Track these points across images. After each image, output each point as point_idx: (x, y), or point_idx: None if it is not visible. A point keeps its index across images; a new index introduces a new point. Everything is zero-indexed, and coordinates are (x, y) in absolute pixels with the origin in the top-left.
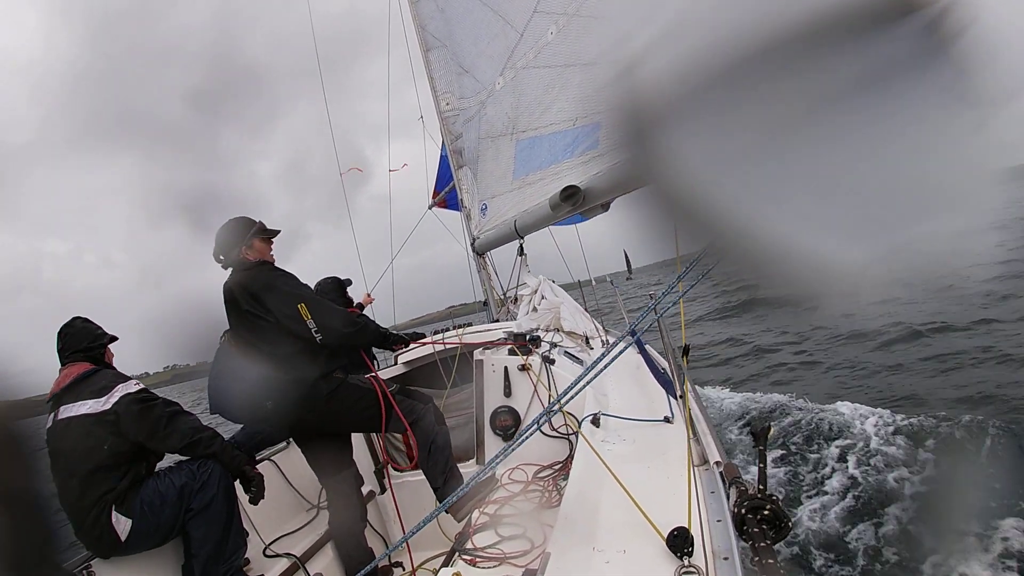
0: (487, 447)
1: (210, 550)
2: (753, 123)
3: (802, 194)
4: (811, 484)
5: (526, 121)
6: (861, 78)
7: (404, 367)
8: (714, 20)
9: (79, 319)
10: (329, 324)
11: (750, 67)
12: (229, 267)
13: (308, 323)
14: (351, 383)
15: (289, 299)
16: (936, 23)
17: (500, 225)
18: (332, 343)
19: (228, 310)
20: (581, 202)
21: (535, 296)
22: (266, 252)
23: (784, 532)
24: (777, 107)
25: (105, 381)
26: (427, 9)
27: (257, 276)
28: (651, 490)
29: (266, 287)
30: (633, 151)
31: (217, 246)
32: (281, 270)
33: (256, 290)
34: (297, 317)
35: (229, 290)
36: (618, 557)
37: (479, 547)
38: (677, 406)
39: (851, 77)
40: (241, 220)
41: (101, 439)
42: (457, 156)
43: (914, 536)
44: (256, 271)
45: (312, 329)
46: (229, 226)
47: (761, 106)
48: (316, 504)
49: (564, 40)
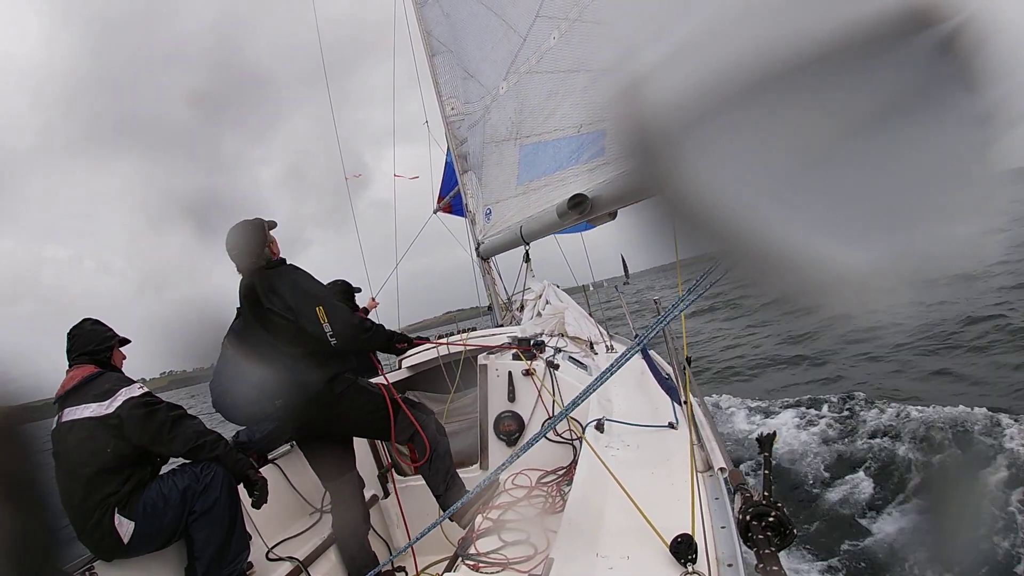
0: (491, 452)
1: (213, 553)
2: (766, 139)
3: (811, 205)
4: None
5: (530, 126)
6: (876, 94)
7: (408, 371)
8: (724, 38)
9: (88, 321)
10: (344, 329)
11: (764, 86)
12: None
13: (324, 326)
14: (360, 385)
15: (311, 300)
16: (950, 39)
17: (505, 230)
18: (345, 347)
19: (245, 307)
20: (588, 210)
21: (539, 301)
22: (278, 247)
23: (789, 539)
24: (791, 124)
25: (108, 384)
26: (432, 14)
27: (283, 274)
28: (655, 496)
29: (292, 285)
30: (641, 164)
31: (241, 248)
32: (302, 269)
33: (281, 288)
34: (314, 319)
35: (249, 287)
36: (621, 563)
37: (482, 552)
38: (681, 412)
39: (867, 93)
40: (256, 220)
41: (104, 443)
42: (462, 161)
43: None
44: (281, 268)
45: (327, 332)
46: (249, 228)
47: (772, 123)
48: (319, 508)
49: (566, 45)
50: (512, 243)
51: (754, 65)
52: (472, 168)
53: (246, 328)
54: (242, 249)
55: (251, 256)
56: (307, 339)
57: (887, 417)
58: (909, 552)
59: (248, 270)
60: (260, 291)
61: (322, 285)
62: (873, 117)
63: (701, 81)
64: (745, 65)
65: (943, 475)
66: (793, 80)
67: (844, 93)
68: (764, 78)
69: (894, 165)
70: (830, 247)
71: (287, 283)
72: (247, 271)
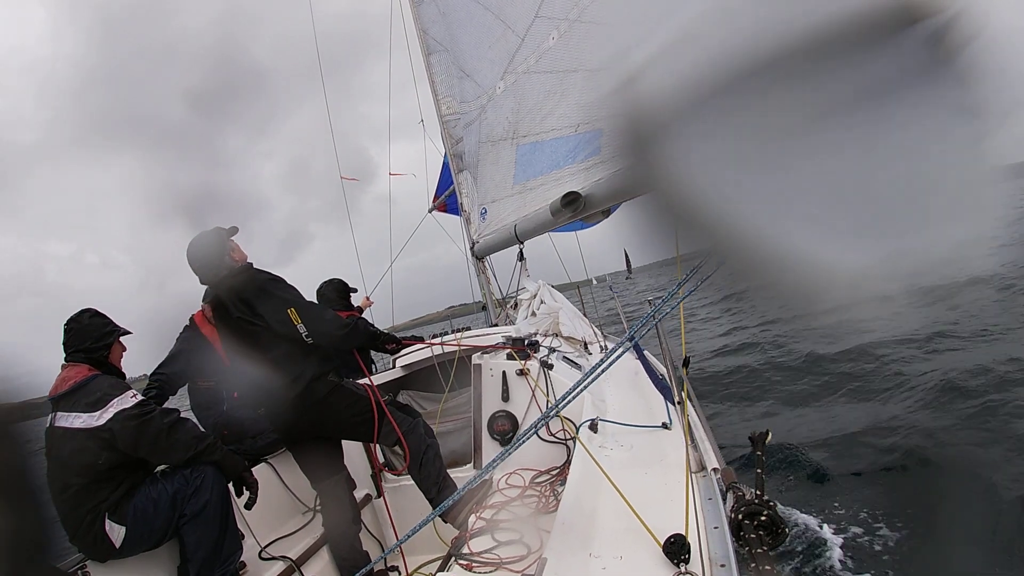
0: (484, 452)
1: (205, 554)
2: (755, 133)
3: (803, 202)
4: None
5: (527, 126)
6: (865, 88)
7: (402, 371)
8: (717, 32)
9: (87, 313)
10: (318, 328)
11: (754, 79)
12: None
13: (298, 327)
14: (346, 388)
15: (280, 304)
16: (942, 33)
17: (500, 230)
18: (322, 345)
19: (216, 318)
20: (582, 208)
21: (534, 301)
22: (242, 252)
23: (781, 538)
24: (780, 118)
25: (100, 392)
26: (428, 13)
27: (248, 281)
28: (648, 496)
29: (258, 292)
30: (634, 159)
31: (202, 262)
32: (268, 273)
33: (248, 296)
34: (287, 321)
35: (216, 298)
36: (615, 563)
37: (475, 552)
38: (675, 412)
39: (856, 87)
40: (214, 231)
41: (95, 454)
42: (457, 160)
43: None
44: (245, 276)
45: (303, 333)
46: (206, 239)
47: (764, 117)
48: (312, 507)
49: (566, 46)
50: (507, 242)
51: (743, 58)
52: (467, 167)
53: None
54: (202, 262)
55: (211, 268)
56: (281, 343)
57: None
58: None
59: (211, 282)
60: (227, 301)
61: (292, 288)
62: (863, 113)
63: (693, 74)
64: (735, 58)
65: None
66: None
67: (834, 88)
68: (753, 70)
69: (885, 163)
70: (822, 247)
71: (252, 290)
72: (211, 283)
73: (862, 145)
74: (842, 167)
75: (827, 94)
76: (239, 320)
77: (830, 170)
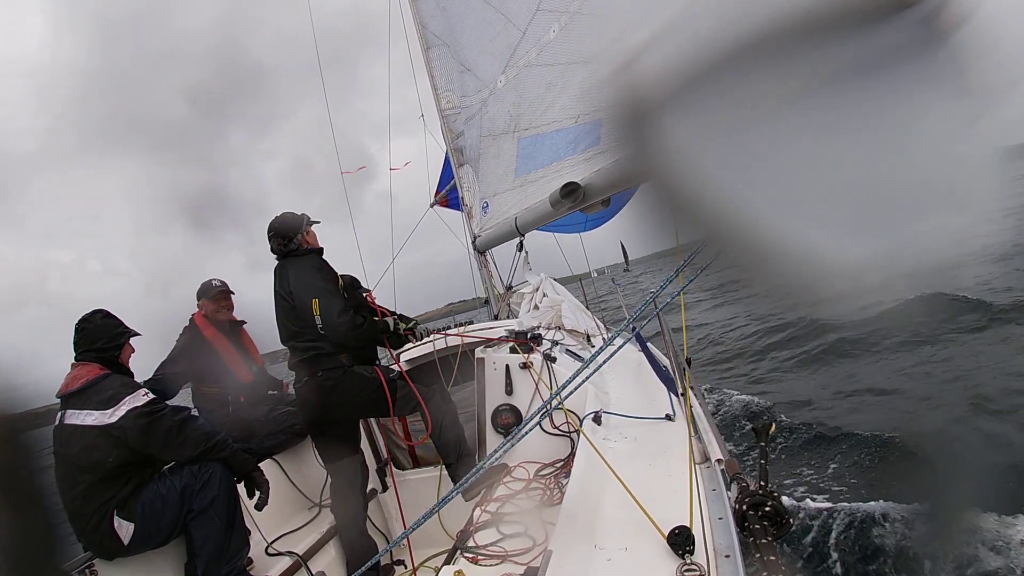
0: (489, 445)
1: (212, 550)
2: (751, 117)
3: (801, 188)
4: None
5: (528, 119)
6: (860, 70)
7: (406, 364)
8: (711, 14)
9: (99, 313)
10: (332, 323)
11: (747, 60)
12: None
13: (315, 318)
14: (356, 372)
15: (309, 290)
16: (935, 13)
17: (501, 223)
18: (334, 340)
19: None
20: (581, 198)
21: (536, 294)
22: (315, 239)
23: (785, 529)
24: (775, 100)
25: (112, 391)
26: (427, 7)
27: (299, 262)
28: (652, 488)
29: (297, 273)
30: (631, 146)
31: (278, 230)
32: (321, 261)
33: (290, 274)
34: (307, 309)
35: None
36: (619, 555)
37: (481, 545)
38: (679, 403)
39: (850, 69)
40: (299, 214)
41: (106, 452)
42: (458, 154)
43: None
44: (303, 259)
45: (318, 324)
46: (290, 216)
47: (759, 99)
48: (318, 502)
49: (567, 38)
50: (508, 235)
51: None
52: (469, 162)
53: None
54: (278, 231)
55: (279, 239)
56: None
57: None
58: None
59: (279, 253)
60: (278, 275)
61: (327, 280)
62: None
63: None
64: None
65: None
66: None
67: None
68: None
69: (882, 147)
70: (822, 235)
71: (295, 271)
72: (278, 255)
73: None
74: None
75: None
76: (278, 295)
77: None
